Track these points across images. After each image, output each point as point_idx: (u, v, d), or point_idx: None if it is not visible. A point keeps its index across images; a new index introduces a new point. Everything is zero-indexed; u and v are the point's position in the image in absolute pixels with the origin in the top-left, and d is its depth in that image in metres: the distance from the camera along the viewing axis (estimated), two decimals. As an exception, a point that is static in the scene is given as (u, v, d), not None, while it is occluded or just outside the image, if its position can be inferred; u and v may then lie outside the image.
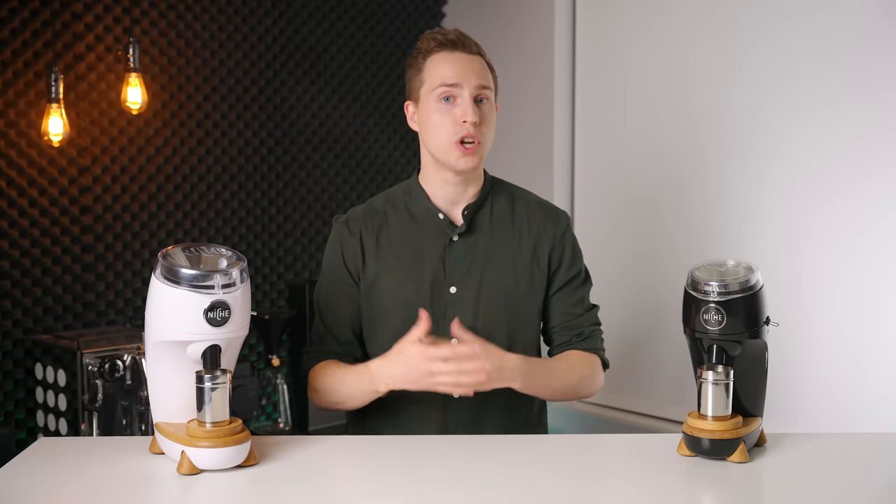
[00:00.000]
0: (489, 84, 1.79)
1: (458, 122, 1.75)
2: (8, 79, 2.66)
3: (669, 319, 2.69)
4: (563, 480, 1.48)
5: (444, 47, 1.78)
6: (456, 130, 1.76)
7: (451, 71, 1.76)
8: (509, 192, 1.91)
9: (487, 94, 1.79)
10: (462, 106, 1.76)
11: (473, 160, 1.77)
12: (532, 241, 1.86)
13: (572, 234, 1.92)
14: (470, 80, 1.76)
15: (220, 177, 3.12)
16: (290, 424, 3.02)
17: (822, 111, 2.53)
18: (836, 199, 2.51)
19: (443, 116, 1.77)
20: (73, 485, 1.47)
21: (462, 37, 1.80)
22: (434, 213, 1.84)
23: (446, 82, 1.76)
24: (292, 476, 1.49)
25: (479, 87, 1.77)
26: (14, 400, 2.70)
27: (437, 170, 1.83)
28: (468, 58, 1.78)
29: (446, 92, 1.76)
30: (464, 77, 1.76)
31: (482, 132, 1.77)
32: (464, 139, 1.76)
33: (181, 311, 1.45)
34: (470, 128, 1.75)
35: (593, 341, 1.89)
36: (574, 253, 1.91)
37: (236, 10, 3.12)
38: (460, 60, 1.78)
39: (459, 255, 1.83)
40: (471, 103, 1.75)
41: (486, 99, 1.79)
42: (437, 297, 1.81)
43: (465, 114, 1.75)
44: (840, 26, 2.48)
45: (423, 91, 1.80)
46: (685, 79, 2.85)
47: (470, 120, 1.74)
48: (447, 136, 1.76)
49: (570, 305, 1.88)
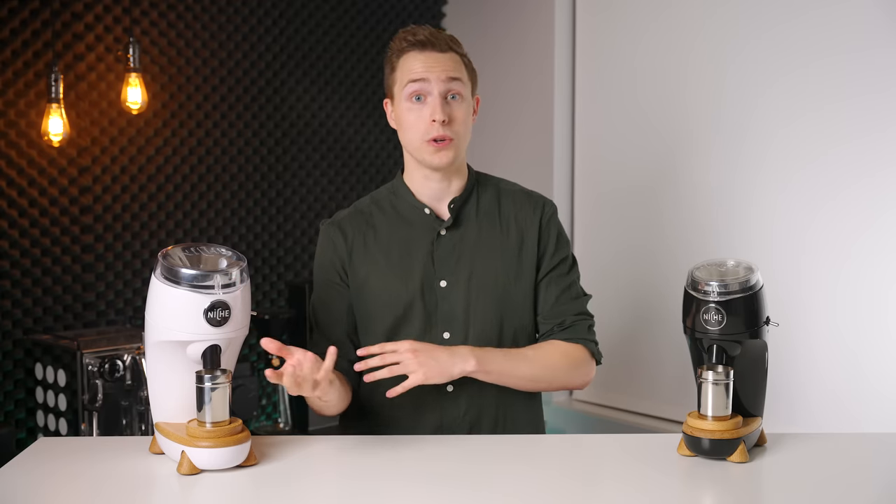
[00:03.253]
0: (459, 76, 1.79)
1: (428, 120, 1.77)
2: (8, 79, 2.66)
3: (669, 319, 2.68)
4: (563, 480, 1.48)
5: (414, 47, 1.80)
6: (427, 130, 1.78)
7: (420, 68, 1.78)
8: (495, 184, 1.92)
9: (458, 88, 1.79)
10: (431, 104, 1.77)
11: (447, 156, 1.78)
12: (519, 231, 1.87)
13: (558, 221, 1.91)
14: (438, 76, 1.77)
15: (220, 177, 3.12)
16: (290, 424, 3.02)
17: (821, 110, 2.53)
18: (836, 197, 2.51)
19: (413, 115, 1.79)
20: (73, 485, 1.47)
21: (432, 36, 1.80)
22: (420, 209, 1.85)
23: (413, 78, 1.78)
24: (292, 476, 1.49)
25: (447, 81, 1.77)
26: (14, 400, 2.70)
27: (417, 167, 1.85)
28: (437, 56, 1.79)
29: (416, 90, 1.78)
30: (432, 74, 1.77)
31: (453, 129, 1.78)
32: (434, 138, 1.77)
33: (181, 311, 1.45)
34: (439, 127, 1.76)
35: (576, 331, 1.83)
36: (559, 240, 1.89)
37: (236, 10, 3.12)
38: (430, 59, 1.79)
39: (448, 249, 1.84)
40: (440, 102, 1.77)
41: (458, 95, 1.79)
42: (428, 292, 1.82)
43: (433, 112, 1.76)
44: (839, 25, 2.48)
45: (396, 89, 1.82)
46: (685, 78, 2.85)
47: (438, 119, 1.76)
48: (419, 136, 1.79)
49: (555, 293, 1.86)
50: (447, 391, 1.81)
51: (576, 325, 1.84)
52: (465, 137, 1.81)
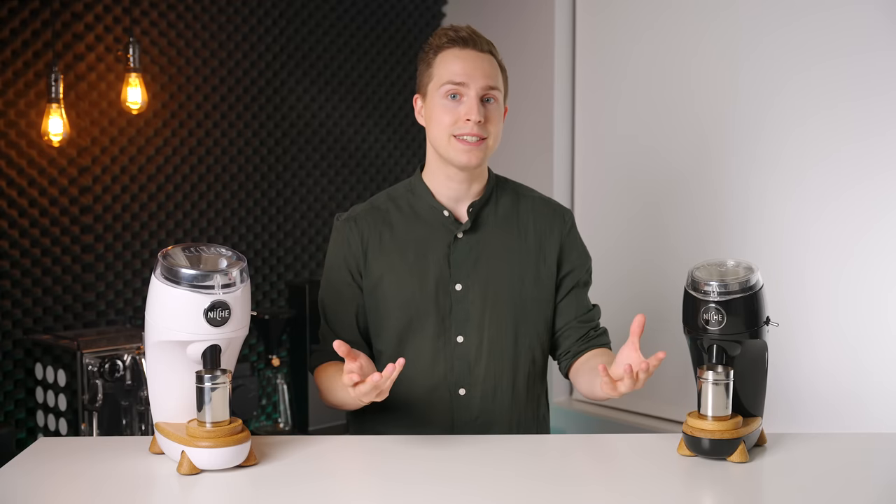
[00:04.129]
0: (497, 85, 1.78)
1: (462, 119, 1.75)
2: (8, 79, 2.66)
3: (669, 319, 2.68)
4: (563, 480, 1.48)
5: (454, 44, 1.77)
6: (459, 126, 1.76)
7: (460, 68, 1.76)
8: (513, 189, 1.91)
9: (495, 94, 1.78)
10: (468, 104, 1.75)
11: (476, 156, 1.77)
12: (537, 237, 1.87)
13: (577, 231, 1.93)
14: (477, 80, 1.75)
15: (220, 177, 3.12)
16: (290, 424, 3.02)
17: (822, 112, 2.53)
18: (836, 199, 2.51)
19: (447, 112, 1.76)
20: (73, 485, 1.47)
21: (474, 34, 1.79)
22: (439, 211, 1.83)
23: (454, 80, 1.76)
24: (292, 476, 1.49)
25: (486, 88, 1.76)
26: (14, 400, 2.70)
27: (441, 166, 1.82)
28: (478, 56, 1.77)
29: (453, 89, 1.76)
30: (472, 76, 1.75)
31: (487, 130, 1.76)
32: (466, 135, 1.75)
33: (181, 311, 1.45)
34: (474, 126, 1.74)
35: (603, 338, 1.93)
36: (582, 253, 1.93)
37: (236, 10, 3.12)
38: (470, 58, 1.77)
39: (464, 253, 1.82)
40: (476, 102, 1.75)
41: (494, 99, 1.78)
42: (443, 295, 1.81)
43: (469, 111, 1.74)
44: (842, 28, 2.48)
45: (431, 86, 1.80)
46: (685, 78, 2.85)
47: (474, 118, 1.74)
48: (449, 131, 1.76)
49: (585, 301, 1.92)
50: (459, 395, 1.80)
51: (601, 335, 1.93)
52: (497, 141, 1.80)
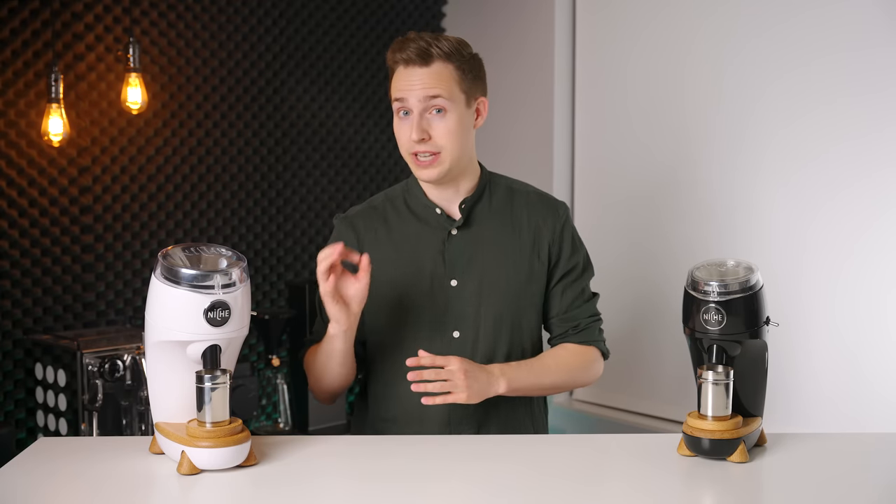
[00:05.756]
0: (442, 93, 1.76)
1: (409, 137, 1.78)
2: (8, 79, 2.66)
3: (669, 319, 2.69)
4: (563, 480, 1.48)
5: (398, 63, 1.80)
6: (410, 146, 1.79)
7: (402, 84, 1.78)
8: (507, 184, 1.93)
9: (441, 103, 1.77)
10: (409, 122, 1.79)
11: (432, 172, 1.79)
12: (532, 232, 1.88)
13: (572, 225, 1.94)
14: (415, 95, 1.76)
15: (220, 177, 3.12)
16: (290, 424, 3.02)
17: (820, 109, 2.53)
18: (836, 197, 2.51)
19: (399, 131, 1.82)
20: (73, 485, 1.47)
21: (419, 50, 1.76)
22: (432, 209, 1.86)
23: (397, 96, 1.80)
24: (292, 476, 1.49)
25: (425, 100, 1.76)
26: (14, 400, 2.70)
27: None
28: (419, 72, 1.76)
29: (401, 107, 1.80)
30: (410, 92, 1.77)
31: (437, 144, 1.78)
32: (416, 153, 1.79)
33: (181, 311, 1.45)
34: (416, 145, 1.77)
35: (589, 333, 1.91)
36: (573, 244, 1.92)
37: (236, 10, 3.12)
38: (410, 75, 1.77)
39: (459, 249, 1.84)
40: (416, 120, 1.76)
41: (442, 109, 1.77)
42: (439, 291, 1.83)
43: (410, 130, 1.78)
44: (838, 24, 2.48)
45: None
46: (685, 77, 2.86)
47: (414, 138, 1.77)
48: (405, 149, 1.82)
49: (570, 298, 1.91)
50: None
51: (589, 328, 1.91)
52: (456, 148, 1.79)
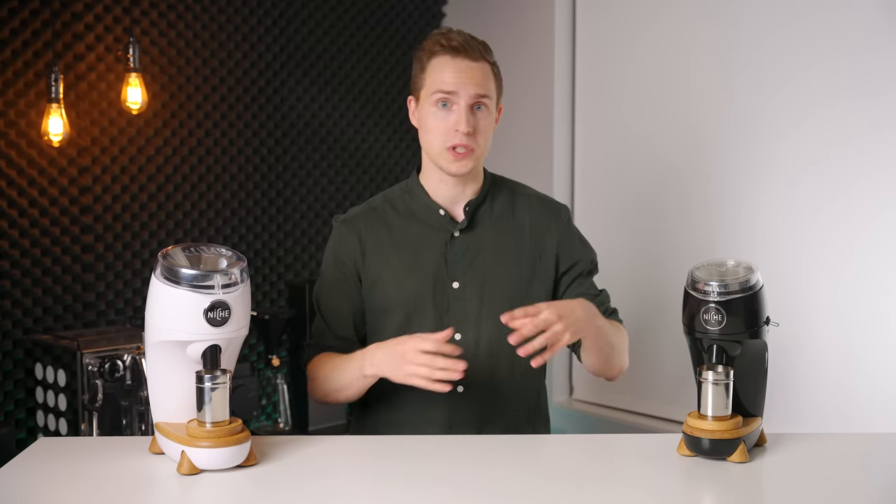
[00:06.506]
0: (488, 92, 1.80)
1: (452, 129, 1.77)
2: (8, 79, 2.66)
3: (670, 319, 2.68)
4: (564, 480, 1.48)
5: (446, 52, 1.79)
6: (449, 137, 1.78)
7: (451, 78, 1.77)
8: (510, 187, 1.94)
9: (485, 101, 1.80)
10: (457, 114, 1.77)
11: (466, 165, 1.80)
12: (534, 234, 1.89)
13: (574, 226, 1.95)
14: (468, 90, 1.77)
15: (220, 177, 3.12)
16: (290, 424, 3.02)
17: (822, 111, 2.53)
18: (837, 198, 2.51)
19: (438, 122, 1.79)
20: (73, 485, 1.47)
21: (467, 43, 1.79)
22: (435, 210, 1.86)
23: (444, 89, 1.78)
24: (292, 476, 1.49)
25: (476, 97, 1.78)
26: (14, 400, 2.70)
27: (434, 169, 1.85)
28: (469, 65, 1.78)
29: (444, 98, 1.78)
30: (462, 86, 1.77)
31: (475, 140, 1.79)
32: (455, 146, 1.78)
33: (181, 311, 1.45)
34: (463, 137, 1.77)
35: (616, 315, 1.93)
36: (582, 244, 1.94)
37: (236, 10, 3.12)
38: (461, 68, 1.78)
39: (461, 251, 1.84)
40: (466, 113, 1.77)
41: (484, 106, 1.80)
42: (440, 293, 1.83)
43: (458, 122, 1.77)
44: (841, 27, 2.48)
45: (424, 93, 1.82)
46: (685, 78, 2.86)
47: (463, 130, 1.76)
48: (440, 142, 1.79)
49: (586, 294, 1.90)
50: (457, 392, 1.81)
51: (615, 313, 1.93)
52: (486, 147, 1.83)
